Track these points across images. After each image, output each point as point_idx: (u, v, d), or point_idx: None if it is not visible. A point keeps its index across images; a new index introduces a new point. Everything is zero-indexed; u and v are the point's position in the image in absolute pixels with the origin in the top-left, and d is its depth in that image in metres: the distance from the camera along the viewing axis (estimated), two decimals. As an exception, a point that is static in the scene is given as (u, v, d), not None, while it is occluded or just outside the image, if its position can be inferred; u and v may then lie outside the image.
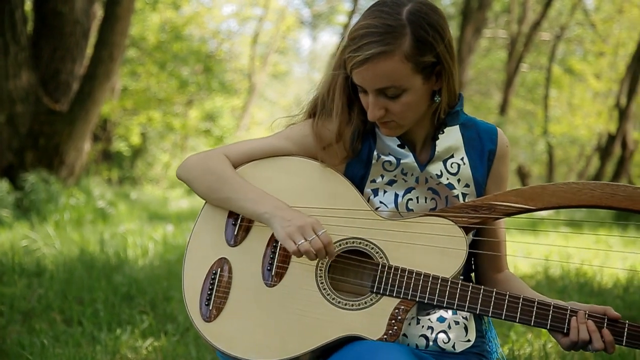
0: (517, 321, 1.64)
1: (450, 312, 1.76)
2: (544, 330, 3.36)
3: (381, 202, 1.77)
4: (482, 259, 1.89)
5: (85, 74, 8.63)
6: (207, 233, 1.82)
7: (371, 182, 1.79)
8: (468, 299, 1.66)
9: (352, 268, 1.75)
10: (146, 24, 17.60)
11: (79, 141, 8.62)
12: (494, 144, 1.84)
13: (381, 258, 1.71)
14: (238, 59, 25.31)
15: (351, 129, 1.78)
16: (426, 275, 1.68)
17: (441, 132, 1.80)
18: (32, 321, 3.49)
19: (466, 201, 1.76)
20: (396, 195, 1.77)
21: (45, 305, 3.77)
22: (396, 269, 1.69)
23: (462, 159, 1.81)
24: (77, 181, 8.90)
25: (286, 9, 26.52)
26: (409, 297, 1.68)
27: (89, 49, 8.98)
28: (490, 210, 1.70)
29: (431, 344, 1.73)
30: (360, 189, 1.79)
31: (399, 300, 1.68)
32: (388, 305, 1.68)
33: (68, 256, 5.22)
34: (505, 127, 17.12)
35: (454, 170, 1.80)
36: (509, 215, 1.70)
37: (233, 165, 1.83)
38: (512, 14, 19.93)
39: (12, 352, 2.99)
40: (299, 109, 1.90)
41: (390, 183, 1.79)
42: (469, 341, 1.76)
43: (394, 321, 1.66)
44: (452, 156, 1.81)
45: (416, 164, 1.78)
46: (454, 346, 1.74)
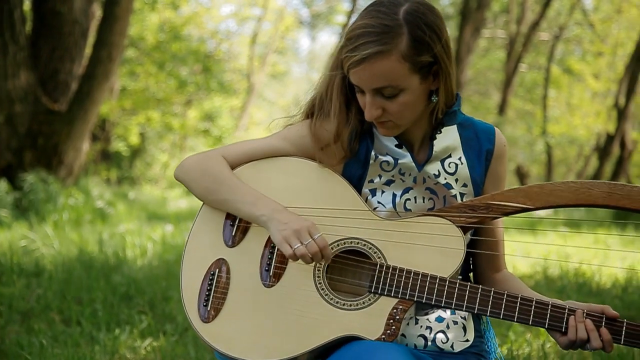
0: (515, 320, 1.64)
1: (448, 312, 1.76)
2: (542, 330, 3.37)
3: (379, 202, 1.77)
4: (481, 258, 1.89)
5: (84, 73, 8.63)
6: (205, 234, 1.82)
7: (369, 182, 1.79)
8: (466, 298, 1.66)
9: (350, 268, 1.75)
10: (145, 24, 17.60)
11: (77, 141, 8.62)
12: (491, 143, 1.84)
13: (379, 258, 1.71)
14: (237, 59, 25.32)
15: (349, 129, 1.78)
16: (424, 275, 1.68)
17: (439, 132, 1.79)
18: (30, 321, 3.48)
19: (464, 201, 1.76)
20: (394, 195, 1.77)
21: (44, 305, 3.76)
22: (394, 268, 1.69)
23: (459, 158, 1.81)
24: (76, 181, 8.90)
25: (285, 9, 26.55)
26: (407, 297, 1.68)
27: (88, 49, 8.99)
28: (488, 209, 1.71)
29: (430, 344, 1.73)
30: (358, 189, 1.78)
31: (397, 300, 1.68)
32: (386, 305, 1.68)
33: (67, 256, 5.22)
34: (504, 127, 17.12)
35: (451, 170, 1.80)
36: (507, 214, 1.70)
37: (231, 166, 1.83)
38: (511, 14, 19.93)
39: (11, 352, 2.99)
40: (297, 109, 1.89)
41: (388, 183, 1.78)
42: (467, 341, 1.76)
43: (392, 321, 1.66)
44: (449, 156, 1.80)
45: (414, 164, 1.78)
46: (452, 346, 1.74)
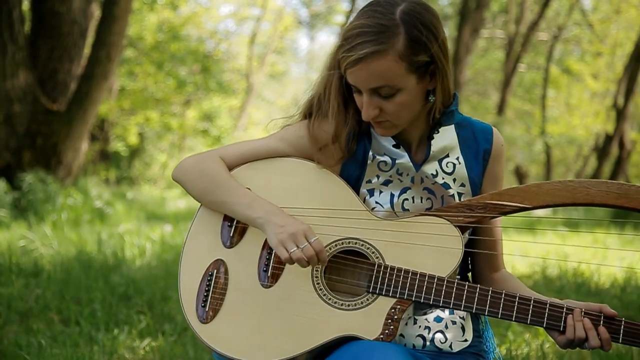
0: (514, 319, 1.64)
1: (447, 311, 1.76)
2: (541, 330, 3.37)
3: (377, 203, 1.77)
4: (479, 258, 1.89)
5: (82, 73, 8.63)
6: (203, 234, 1.82)
7: (367, 182, 1.79)
8: (464, 298, 1.66)
9: (348, 268, 1.75)
10: (144, 24, 17.59)
11: (76, 141, 8.61)
12: (489, 143, 1.84)
13: (377, 258, 1.71)
14: (236, 59, 25.32)
15: (347, 129, 1.78)
16: (422, 275, 1.68)
17: (436, 132, 1.79)
18: (29, 321, 3.48)
19: (462, 200, 1.76)
20: (392, 195, 1.77)
21: (42, 306, 3.76)
22: (392, 268, 1.69)
23: (457, 158, 1.81)
24: (75, 181, 8.89)
25: (284, 9, 26.53)
26: (405, 297, 1.68)
27: (87, 49, 8.98)
28: (485, 209, 1.71)
29: (428, 344, 1.73)
30: (356, 189, 1.78)
31: (395, 300, 1.68)
32: (384, 305, 1.68)
33: (65, 256, 5.22)
34: (502, 127, 17.12)
35: (449, 170, 1.80)
36: (504, 214, 1.70)
37: (229, 167, 1.83)
38: (510, 14, 19.93)
39: (10, 353, 2.98)
40: (296, 109, 1.89)
41: (386, 183, 1.78)
42: (466, 341, 1.76)
43: (390, 321, 1.66)
44: (447, 156, 1.80)
45: (411, 164, 1.78)
46: (451, 346, 1.74)
